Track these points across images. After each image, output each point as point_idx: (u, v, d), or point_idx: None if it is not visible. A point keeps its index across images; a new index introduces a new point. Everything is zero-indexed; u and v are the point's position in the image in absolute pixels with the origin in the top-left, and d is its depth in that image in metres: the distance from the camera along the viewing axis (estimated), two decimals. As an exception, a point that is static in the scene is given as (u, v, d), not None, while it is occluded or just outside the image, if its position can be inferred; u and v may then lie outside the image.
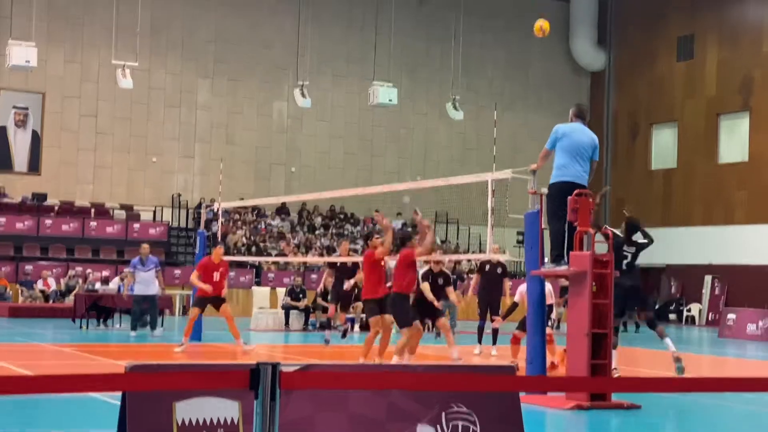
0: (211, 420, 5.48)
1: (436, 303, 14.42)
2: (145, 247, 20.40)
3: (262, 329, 22.95)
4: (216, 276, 16.57)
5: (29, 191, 32.20)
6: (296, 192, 33.31)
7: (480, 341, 17.13)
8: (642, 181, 38.65)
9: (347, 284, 17.89)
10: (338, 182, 34.61)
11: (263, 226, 34.10)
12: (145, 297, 19.92)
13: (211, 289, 16.30)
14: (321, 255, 32.16)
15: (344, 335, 20.28)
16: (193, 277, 16.71)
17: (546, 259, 11.59)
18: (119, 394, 5.66)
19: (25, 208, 31.25)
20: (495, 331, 16.66)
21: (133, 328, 19.95)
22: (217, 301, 16.68)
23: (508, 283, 17.23)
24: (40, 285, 27.31)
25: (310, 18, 34.74)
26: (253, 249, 31.99)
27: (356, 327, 24.11)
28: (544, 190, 11.37)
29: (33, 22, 29.67)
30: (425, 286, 14.60)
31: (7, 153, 32.54)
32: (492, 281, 16.84)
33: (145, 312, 20.31)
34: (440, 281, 15.08)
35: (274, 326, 23.33)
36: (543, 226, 11.46)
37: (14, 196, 31.89)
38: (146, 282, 19.86)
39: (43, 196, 32.09)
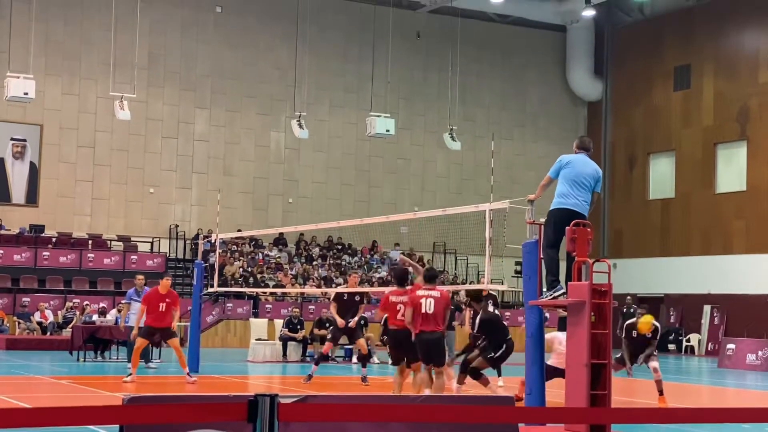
0: (209, 453, 5.43)
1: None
2: (140, 278, 20.39)
3: (260, 360, 22.87)
4: (162, 307, 16.44)
5: (27, 223, 32.19)
6: (294, 223, 33.32)
7: (499, 373, 16.31)
8: (640, 211, 38.69)
9: (352, 322, 17.33)
10: (336, 213, 34.66)
11: (261, 257, 34.06)
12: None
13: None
14: (318, 286, 32.11)
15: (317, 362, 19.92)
16: (141, 309, 16.78)
17: (544, 289, 11.58)
18: (117, 427, 5.62)
19: (23, 239, 31.22)
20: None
21: (147, 360, 19.87)
22: (166, 333, 16.58)
23: (467, 313, 16.83)
24: (37, 317, 27.23)
25: (307, 50, 34.89)
26: (251, 280, 31.94)
27: (354, 358, 24.04)
28: (542, 220, 11.38)
29: (31, 54, 29.78)
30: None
31: (5, 185, 32.55)
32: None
33: None
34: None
35: (271, 357, 23.25)
36: (541, 256, 11.45)
37: (12, 228, 31.87)
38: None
39: (40, 228, 32.07)
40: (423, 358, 12.88)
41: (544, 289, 11.62)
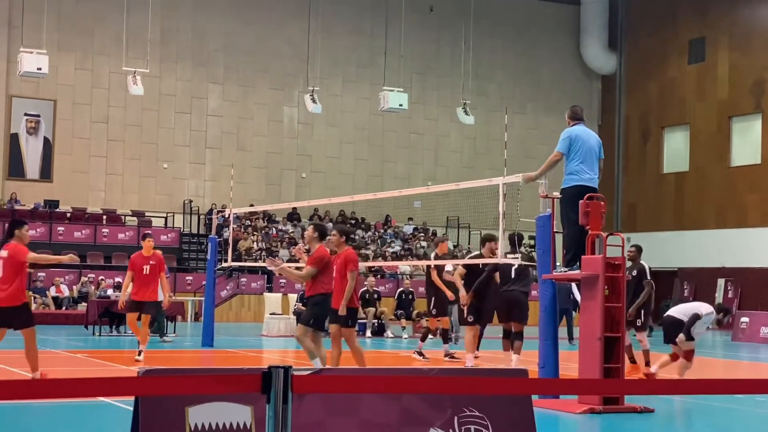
0: (224, 424, 5.48)
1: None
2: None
3: (274, 335, 22.97)
4: (146, 269, 15.07)
5: (41, 198, 32.32)
6: (307, 197, 33.32)
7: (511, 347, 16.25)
8: (654, 184, 38.55)
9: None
10: (349, 187, 34.64)
11: (274, 232, 34.13)
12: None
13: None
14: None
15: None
16: (127, 276, 15.27)
17: (558, 263, 11.58)
18: (132, 399, 5.67)
19: (38, 215, 31.35)
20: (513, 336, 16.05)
21: (162, 333, 19.98)
22: (150, 306, 15.14)
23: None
24: (52, 292, 27.39)
25: (320, 24, 34.79)
26: (265, 255, 32.00)
27: (368, 332, 24.13)
28: (556, 194, 11.37)
29: (44, 30, 29.77)
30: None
31: (19, 160, 32.67)
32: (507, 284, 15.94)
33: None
34: None
35: (285, 332, 23.32)
36: (555, 230, 11.45)
37: (27, 203, 32.00)
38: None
39: (55, 203, 32.19)
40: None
41: (558, 263, 11.63)
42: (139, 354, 14.92)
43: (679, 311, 13.64)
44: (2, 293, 11.52)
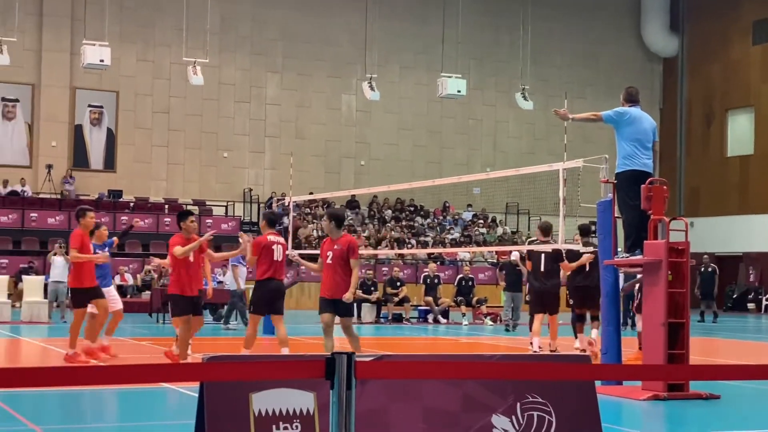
0: (287, 410, 5.52)
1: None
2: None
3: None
4: (191, 257, 12.88)
5: (105, 188, 32.84)
6: (366, 185, 33.39)
7: (576, 335, 15.44)
8: (717, 168, 37.95)
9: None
10: (408, 175, 34.62)
11: (334, 220, 34.23)
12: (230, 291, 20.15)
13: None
14: (391, 248, 32.21)
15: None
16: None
17: (620, 249, 11.46)
18: (197, 385, 5.74)
19: (102, 205, 31.84)
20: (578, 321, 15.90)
21: (226, 321, 20.15)
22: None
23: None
24: (117, 280, 27.80)
25: (378, 11, 34.77)
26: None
27: (430, 318, 24.14)
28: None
29: (106, 22, 30.21)
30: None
31: (83, 151, 33.22)
32: (583, 270, 15.09)
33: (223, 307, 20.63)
34: None
35: (346, 319, 23.39)
36: (616, 215, 11.32)
37: (91, 193, 32.54)
38: (228, 277, 20.18)
39: (118, 193, 32.68)
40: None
41: (620, 249, 11.51)
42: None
43: None
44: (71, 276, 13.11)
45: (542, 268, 14.49)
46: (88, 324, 13.11)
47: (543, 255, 14.40)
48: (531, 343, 14.61)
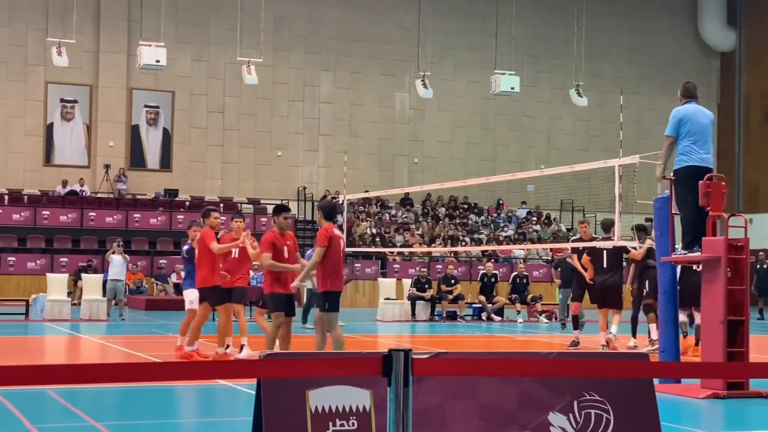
0: (344, 407, 5.54)
1: None
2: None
3: (388, 320, 23.11)
4: (234, 252, 13.92)
5: (161, 187, 33.23)
6: (419, 183, 33.36)
7: (634, 333, 15.49)
8: (776, 163, 37.32)
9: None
10: (461, 172, 34.53)
11: (388, 218, 34.30)
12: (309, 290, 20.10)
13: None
14: (445, 245, 32.17)
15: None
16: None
17: (677, 246, 11.31)
18: (253, 382, 5.78)
19: (158, 203, 32.24)
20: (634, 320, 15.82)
21: (304, 320, 19.99)
22: (238, 293, 14.13)
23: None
24: (173, 278, 28.10)
25: (430, 9, 34.74)
26: (378, 240, 32.21)
27: (484, 315, 24.05)
28: (672, 175, 11.09)
29: (161, 24, 30.55)
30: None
31: (140, 151, 33.64)
32: (640, 268, 15.04)
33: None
34: None
35: (400, 317, 23.46)
36: (673, 212, 11.18)
37: (148, 192, 32.96)
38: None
39: (174, 192, 33.06)
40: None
41: (677, 246, 11.36)
42: (227, 347, 13.50)
43: None
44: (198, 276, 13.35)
45: (605, 264, 14.41)
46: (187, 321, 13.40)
47: (605, 251, 14.29)
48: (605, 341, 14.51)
